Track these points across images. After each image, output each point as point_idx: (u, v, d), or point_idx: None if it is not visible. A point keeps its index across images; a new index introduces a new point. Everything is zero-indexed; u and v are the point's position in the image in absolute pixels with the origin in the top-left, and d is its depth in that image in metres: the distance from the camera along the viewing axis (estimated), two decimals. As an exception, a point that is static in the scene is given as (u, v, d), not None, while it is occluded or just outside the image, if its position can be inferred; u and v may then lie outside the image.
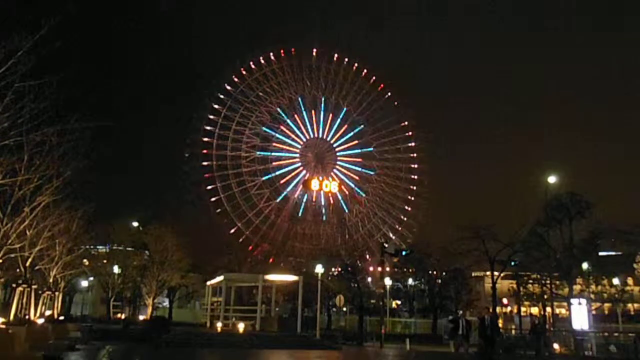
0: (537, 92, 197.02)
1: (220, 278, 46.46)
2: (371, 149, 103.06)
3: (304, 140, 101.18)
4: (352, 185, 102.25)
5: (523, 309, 55.33)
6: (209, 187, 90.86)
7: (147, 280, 51.04)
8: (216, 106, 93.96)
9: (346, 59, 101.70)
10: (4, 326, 23.12)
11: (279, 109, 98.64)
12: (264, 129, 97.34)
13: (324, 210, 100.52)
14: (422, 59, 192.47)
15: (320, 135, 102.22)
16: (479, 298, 72.75)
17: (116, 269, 49.32)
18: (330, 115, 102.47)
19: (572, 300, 34.87)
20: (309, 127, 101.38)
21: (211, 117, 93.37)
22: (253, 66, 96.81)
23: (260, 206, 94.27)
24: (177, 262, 51.33)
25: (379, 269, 50.41)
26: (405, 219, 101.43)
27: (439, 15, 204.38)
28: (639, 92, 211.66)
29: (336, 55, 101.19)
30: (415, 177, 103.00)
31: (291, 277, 51.62)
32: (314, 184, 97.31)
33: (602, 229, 37.66)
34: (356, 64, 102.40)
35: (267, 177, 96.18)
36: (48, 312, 40.21)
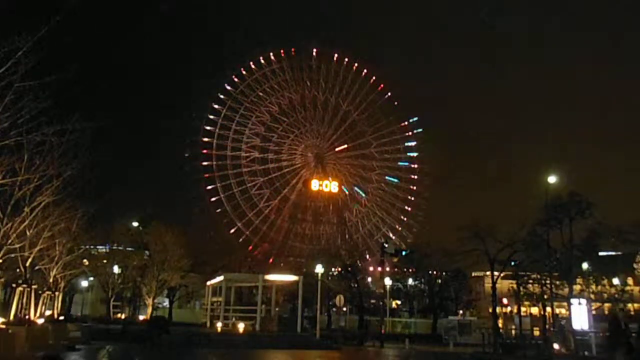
0: (537, 92, 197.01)
1: (220, 278, 46.43)
2: (371, 149, 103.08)
3: (304, 140, 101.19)
4: (352, 185, 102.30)
5: (523, 309, 55.19)
6: (209, 187, 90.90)
7: (147, 280, 50.99)
8: (216, 106, 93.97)
9: (346, 59, 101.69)
10: (4, 326, 23.13)
11: (279, 109, 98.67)
12: (264, 129, 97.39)
13: (324, 210, 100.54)
14: (422, 58, 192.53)
15: (320, 135, 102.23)
16: (479, 298, 72.82)
17: (116, 269, 49.27)
18: (330, 115, 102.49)
19: (572, 300, 34.83)
20: (308, 127, 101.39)
21: (211, 117, 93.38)
22: (253, 66, 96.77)
23: (260, 206, 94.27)
24: (177, 262, 51.24)
25: (379, 269, 50.49)
26: (405, 219, 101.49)
27: (439, 15, 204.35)
28: (639, 92, 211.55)
29: (336, 55, 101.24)
30: (415, 177, 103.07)
31: (291, 277, 51.59)
32: (314, 184, 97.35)
33: (602, 229, 37.62)
34: (356, 64, 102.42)
35: (267, 177, 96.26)
36: (48, 312, 40.19)
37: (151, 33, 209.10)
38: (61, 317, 41.02)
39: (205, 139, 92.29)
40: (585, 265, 41.94)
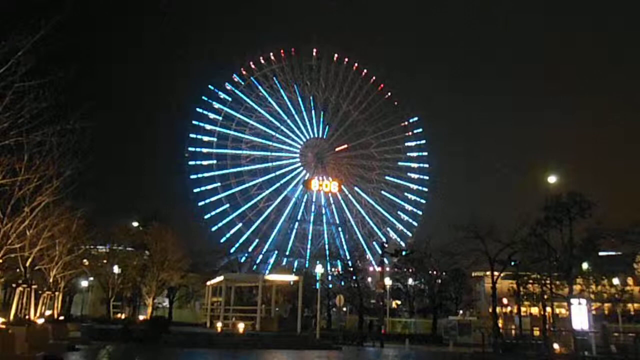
0: (537, 92, 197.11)
1: (220, 278, 46.40)
2: (371, 149, 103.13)
3: (304, 140, 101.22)
4: (352, 185, 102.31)
5: (523, 309, 55.15)
6: (209, 187, 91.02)
7: (147, 280, 50.92)
8: (216, 106, 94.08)
9: (346, 59, 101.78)
10: (4, 326, 23.10)
11: (279, 109, 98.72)
12: (264, 129, 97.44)
13: (324, 210, 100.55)
14: (423, 58, 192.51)
15: (320, 135, 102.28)
16: (479, 298, 72.83)
17: (116, 269, 49.22)
18: (330, 115, 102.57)
19: (572, 300, 34.81)
20: (309, 127, 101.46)
21: (211, 117, 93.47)
22: (253, 66, 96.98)
23: (260, 206, 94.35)
24: (177, 262, 51.20)
25: (379, 269, 50.48)
26: (405, 218, 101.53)
27: (439, 15, 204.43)
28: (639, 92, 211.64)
29: (336, 55, 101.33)
30: (416, 176, 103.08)
31: (291, 277, 51.61)
32: (314, 184, 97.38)
33: (602, 228, 37.62)
34: (356, 64, 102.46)
35: (267, 177, 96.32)
36: (48, 312, 40.17)
37: (152, 32, 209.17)
38: (61, 317, 41.00)
39: (206, 139, 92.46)
40: (585, 265, 41.90)
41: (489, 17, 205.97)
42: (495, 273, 41.04)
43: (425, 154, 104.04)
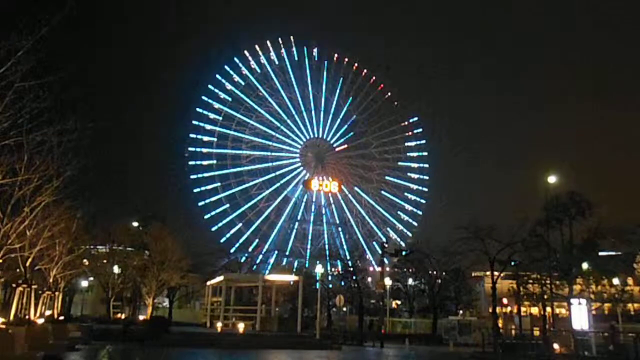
0: (538, 92, 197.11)
1: (220, 278, 46.43)
2: (371, 148, 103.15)
3: (304, 140, 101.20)
4: (353, 185, 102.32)
5: (523, 309, 55.14)
6: (209, 187, 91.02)
7: (147, 280, 50.92)
8: (216, 106, 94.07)
9: (346, 59, 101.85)
10: (4, 326, 23.13)
11: (279, 109, 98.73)
12: (264, 128, 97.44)
13: (324, 210, 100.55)
14: (423, 58, 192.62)
15: (320, 135, 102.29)
16: (479, 298, 72.80)
17: (116, 269, 49.22)
18: (331, 115, 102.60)
19: (572, 300, 34.79)
20: (309, 127, 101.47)
21: (211, 117, 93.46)
22: (253, 66, 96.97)
23: (260, 206, 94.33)
24: (177, 262, 51.19)
25: (379, 269, 50.51)
26: (405, 218, 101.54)
27: (440, 15, 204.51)
28: (638, 92, 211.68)
29: (336, 55, 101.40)
30: (416, 176, 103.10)
31: (291, 277, 51.62)
32: (314, 184, 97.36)
33: (602, 228, 37.64)
34: (356, 64, 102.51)
35: (267, 177, 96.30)
36: (48, 312, 40.20)
37: (152, 32, 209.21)
38: (61, 317, 41.00)
39: (206, 139, 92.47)
40: (585, 265, 41.90)
41: (489, 17, 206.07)
42: (495, 273, 40.99)
43: (425, 154, 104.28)
